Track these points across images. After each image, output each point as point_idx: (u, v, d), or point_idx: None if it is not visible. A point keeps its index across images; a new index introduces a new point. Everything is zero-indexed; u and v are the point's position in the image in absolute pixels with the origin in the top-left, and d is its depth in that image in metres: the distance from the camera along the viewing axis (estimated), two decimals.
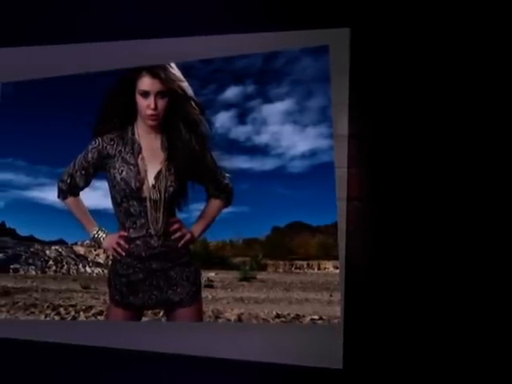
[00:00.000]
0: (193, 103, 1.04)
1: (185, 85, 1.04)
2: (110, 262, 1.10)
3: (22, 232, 1.13)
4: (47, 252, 1.14)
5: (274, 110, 1.01)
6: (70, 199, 1.11)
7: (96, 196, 1.10)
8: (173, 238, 1.06)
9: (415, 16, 0.96)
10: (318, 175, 1.01)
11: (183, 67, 1.02)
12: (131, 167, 1.06)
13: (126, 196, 1.06)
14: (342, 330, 1.03)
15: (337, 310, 1.02)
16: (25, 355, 1.15)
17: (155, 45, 1.05)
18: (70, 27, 1.10)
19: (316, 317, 1.03)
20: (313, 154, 1.01)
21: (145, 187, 1.05)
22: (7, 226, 1.13)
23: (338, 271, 1.01)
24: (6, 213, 1.12)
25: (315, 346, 1.04)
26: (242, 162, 1.05)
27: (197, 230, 1.08)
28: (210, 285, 1.10)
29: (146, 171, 1.06)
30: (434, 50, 0.96)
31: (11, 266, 1.14)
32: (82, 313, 1.11)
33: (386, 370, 1.02)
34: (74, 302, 1.11)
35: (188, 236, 1.07)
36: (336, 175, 1.01)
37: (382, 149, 0.99)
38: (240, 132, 1.05)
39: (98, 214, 1.09)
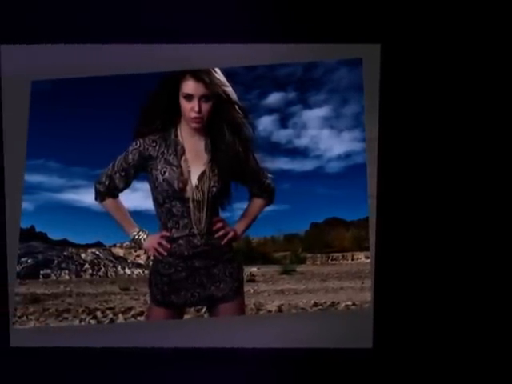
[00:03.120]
0: (237, 107, 1.08)
1: (229, 89, 1.07)
2: (150, 263, 1.11)
3: (55, 236, 1.09)
4: (83, 255, 1.11)
5: (313, 115, 1.11)
6: (109, 201, 1.10)
7: (136, 197, 1.11)
8: (216, 236, 1.09)
9: (440, 33, 1.11)
10: (352, 175, 1.12)
11: (227, 72, 1.07)
12: (174, 168, 1.08)
13: (169, 197, 1.08)
14: (372, 314, 1.16)
15: (368, 296, 1.13)
16: (58, 363, 1.12)
17: (200, 49, 1.08)
18: (113, 27, 1.09)
19: (350, 303, 1.14)
20: (347, 155, 1.12)
21: (188, 188, 1.08)
22: (37, 230, 1.08)
23: (368, 261, 1.14)
24: (36, 216, 1.07)
25: (348, 329, 1.15)
26: (283, 163, 1.13)
27: (240, 227, 1.13)
28: (252, 279, 1.16)
29: (189, 172, 1.09)
30: (456, 63, 1.12)
31: (41, 272, 1.09)
32: (120, 315, 1.10)
33: (411, 348, 1.16)
34: (112, 305, 1.10)
35: (231, 234, 1.11)
36: (368, 175, 1.13)
37: (409, 151, 1.13)
38: (282, 135, 1.12)
39: (138, 215, 1.10)
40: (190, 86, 1.06)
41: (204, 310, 1.12)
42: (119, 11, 1.09)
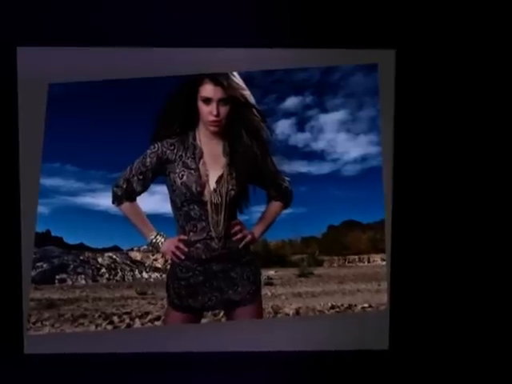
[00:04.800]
0: (254, 111, 1.09)
1: (247, 93, 1.08)
2: (168, 267, 1.10)
3: (71, 240, 1.07)
4: (99, 259, 1.09)
5: (330, 119, 1.12)
6: (126, 204, 1.10)
7: (154, 200, 1.10)
8: (234, 239, 1.09)
9: (453, 38, 1.14)
10: (368, 178, 1.13)
11: (245, 76, 1.07)
12: (192, 172, 1.08)
13: (187, 200, 1.08)
14: (388, 315, 1.16)
15: (384, 298, 1.14)
16: (74, 370, 1.10)
17: (218, 53, 1.09)
18: (131, 31, 1.08)
19: (366, 305, 1.15)
20: (363, 159, 1.13)
21: (206, 191, 1.08)
22: (53, 234, 1.06)
23: (384, 263, 1.15)
24: (52, 220, 1.06)
25: (365, 331, 1.15)
26: (300, 167, 1.13)
27: (257, 231, 1.13)
28: (269, 282, 1.16)
29: (207, 175, 1.08)
30: (471, 68, 1.15)
31: (57, 277, 1.07)
32: (137, 319, 1.09)
33: (427, 349, 1.17)
34: (128, 310, 1.09)
35: (249, 237, 1.11)
36: (383, 178, 1.14)
37: (424, 154, 1.15)
38: (299, 139, 1.13)
39: (156, 218, 1.09)
40: (208, 90, 1.06)
41: (221, 313, 1.12)
42: (137, 15, 1.09)
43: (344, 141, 1.13)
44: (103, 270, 1.10)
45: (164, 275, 1.11)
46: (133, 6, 1.08)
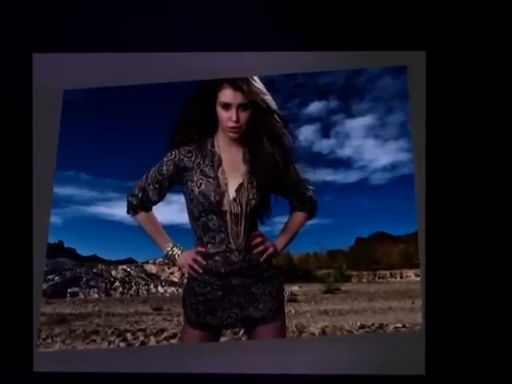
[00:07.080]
0: (276, 116, 1.04)
1: (268, 98, 1.03)
2: (185, 281, 1.04)
3: (84, 252, 1.03)
4: (113, 272, 1.04)
5: (357, 124, 1.07)
6: (142, 214, 1.05)
7: (170, 210, 1.06)
8: (255, 252, 1.03)
9: (486, 38, 1.08)
10: (399, 187, 1.07)
11: (266, 81, 1.03)
12: (211, 180, 1.03)
13: (205, 210, 1.02)
14: (424, 337, 1.07)
15: (419, 317, 1.06)
16: None
17: (238, 57, 1.05)
18: (148, 36, 1.06)
19: (399, 325, 1.06)
20: (393, 166, 1.07)
21: (225, 200, 1.02)
22: (65, 245, 1.03)
23: (419, 279, 1.06)
24: (65, 231, 1.03)
25: (398, 353, 1.06)
26: (325, 175, 1.08)
27: (280, 243, 1.07)
28: (293, 299, 1.09)
29: (226, 184, 1.03)
30: (504, 69, 1.08)
31: (69, 290, 1.03)
32: (152, 337, 1.03)
33: (468, 374, 1.07)
34: (143, 326, 1.03)
35: (271, 250, 1.05)
36: (415, 186, 1.07)
37: (458, 161, 1.08)
38: (323, 145, 1.09)
39: (172, 229, 1.05)
40: (227, 95, 1.02)
41: (242, 332, 1.06)
42: (154, 20, 1.07)
43: (372, 147, 1.07)
44: (117, 283, 1.05)
45: (180, 290, 1.06)
46: (149, 10, 1.07)
